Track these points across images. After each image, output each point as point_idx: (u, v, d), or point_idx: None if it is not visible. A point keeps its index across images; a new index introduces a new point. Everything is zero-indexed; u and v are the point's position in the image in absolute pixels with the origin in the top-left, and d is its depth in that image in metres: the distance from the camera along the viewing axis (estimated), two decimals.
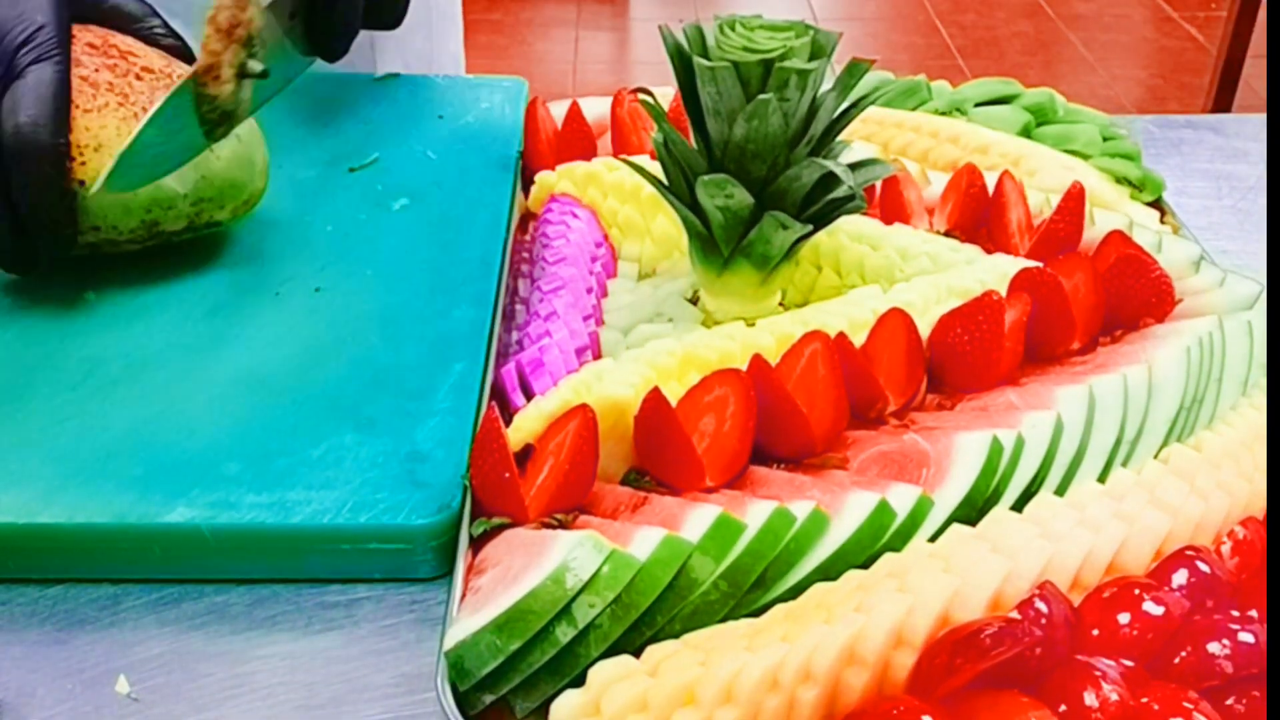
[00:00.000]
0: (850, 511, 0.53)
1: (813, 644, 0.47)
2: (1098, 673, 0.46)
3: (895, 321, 0.64)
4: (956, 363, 0.64)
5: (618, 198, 0.81)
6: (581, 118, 0.87)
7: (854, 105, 0.68)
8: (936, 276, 0.70)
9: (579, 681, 0.48)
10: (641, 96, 0.69)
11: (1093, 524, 0.54)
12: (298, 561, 0.59)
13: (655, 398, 0.56)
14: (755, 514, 0.52)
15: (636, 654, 0.49)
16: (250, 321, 0.72)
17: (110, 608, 0.58)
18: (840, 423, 0.61)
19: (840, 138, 0.68)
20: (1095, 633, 0.49)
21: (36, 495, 0.59)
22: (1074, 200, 0.75)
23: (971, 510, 0.55)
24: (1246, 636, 0.48)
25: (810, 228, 0.67)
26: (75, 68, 0.70)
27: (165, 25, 0.77)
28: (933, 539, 0.54)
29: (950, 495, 0.55)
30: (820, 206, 0.67)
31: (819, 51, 0.65)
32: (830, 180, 0.66)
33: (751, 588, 0.51)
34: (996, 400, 0.62)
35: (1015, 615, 0.47)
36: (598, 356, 0.70)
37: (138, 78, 0.72)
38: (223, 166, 0.75)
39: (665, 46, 0.66)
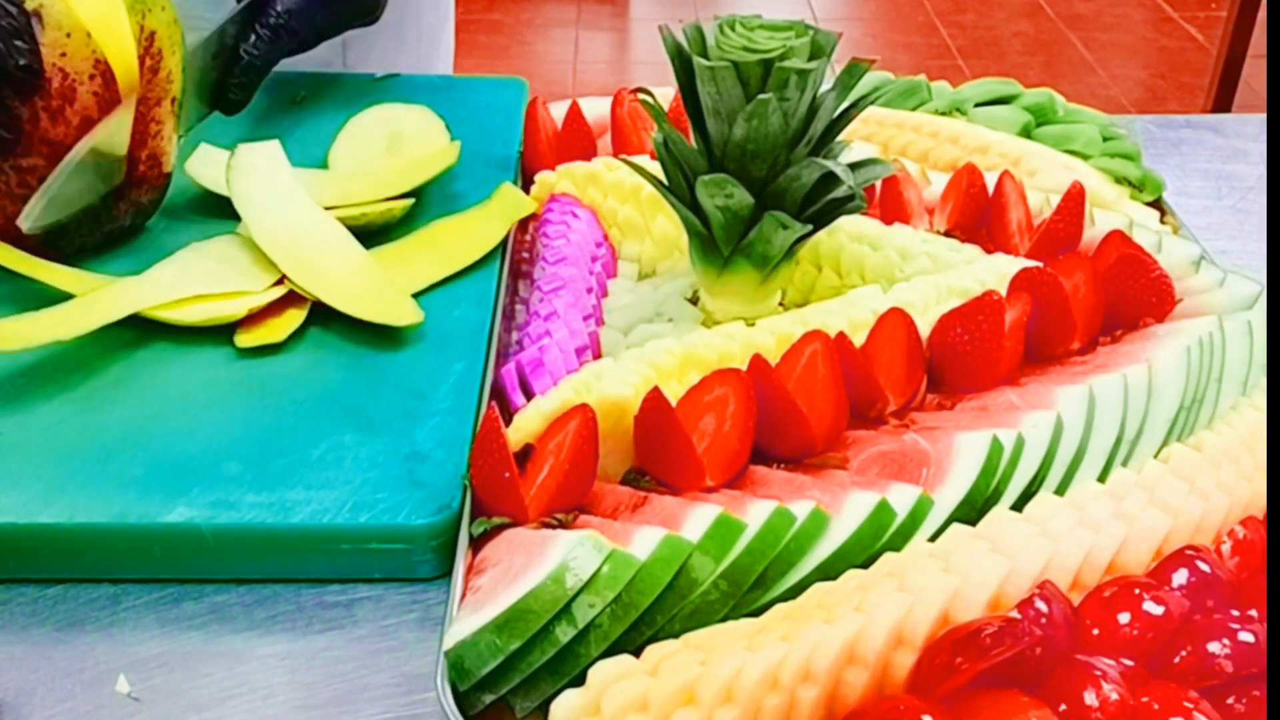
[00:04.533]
0: (850, 511, 0.53)
1: (813, 644, 0.47)
2: (1098, 672, 0.46)
3: (895, 321, 0.64)
4: (956, 363, 0.64)
5: (618, 198, 0.81)
6: (581, 118, 0.87)
7: (854, 105, 0.68)
8: (936, 276, 0.70)
9: (579, 681, 0.48)
10: (641, 96, 0.69)
11: (1093, 524, 0.54)
12: (298, 561, 0.59)
13: (655, 397, 0.56)
14: (755, 514, 0.52)
15: (636, 654, 0.49)
16: None
17: (110, 608, 0.58)
18: (840, 423, 0.61)
19: (840, 138, 0.68)
20: (1095, 632, 0.49)
21: (37, 495, 0.59)
22: (1074, 200, 0.75)
23: (971, 510, 0.55)
24: (1246, 636, 0.48)
25: (810, 228, 0.67)
26: None
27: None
28: (933, 539, 0.54)
29: (950, 495, 0.55)
30: (820, 206, 0.67)
31: (819, 51, 0.65)
32: (830, 180, 0.66)
33: (751, 587, 0.51)
34: (996, 400, 0.62)
35: (1015, 615, 0.47)
36: (598, 356, 0.70)
37: None
38: None
39: (665, 46, 0.66)
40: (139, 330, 0.70)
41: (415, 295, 0.74)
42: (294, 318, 0.72)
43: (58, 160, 0.74)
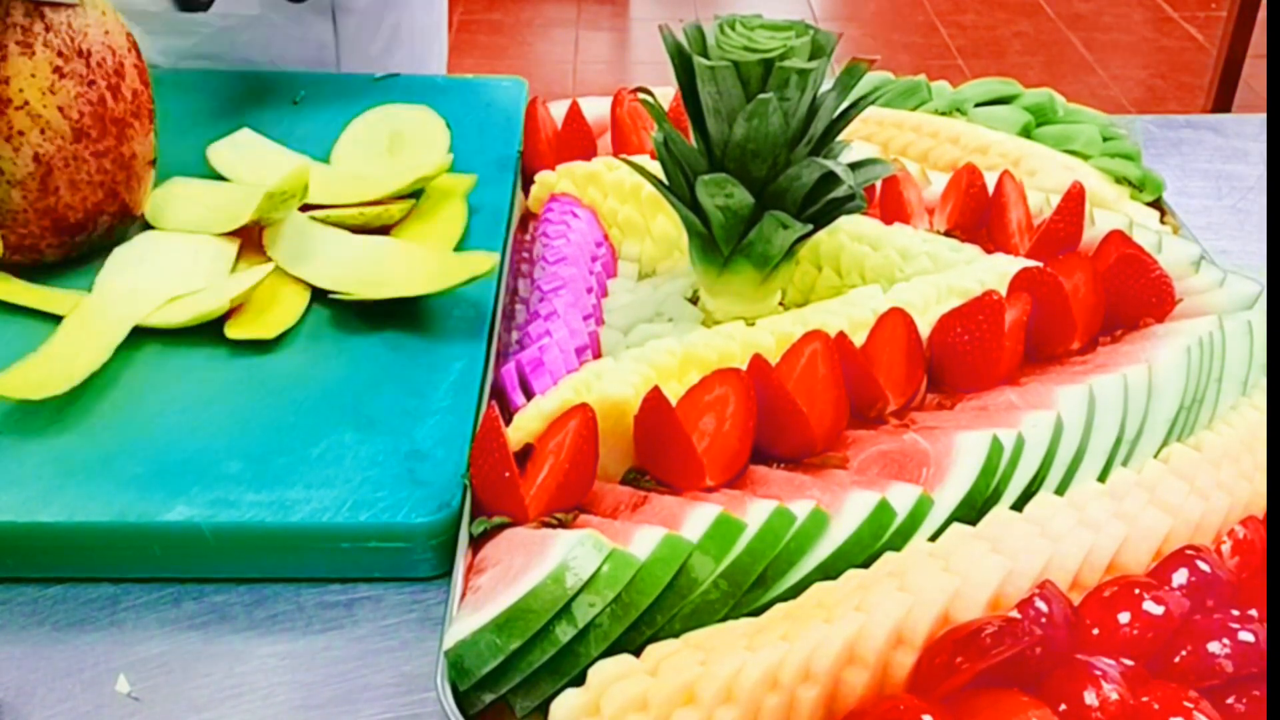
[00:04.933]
0: (850, 511, 0.53)
1: (813, 643, 0.47)
2: (1098, 672, 0.46)
3: (895, 321, 0.64)
4: (956, 363, 0.64)
5: (618, 198, 0.81)
6: (581, 118, 0.87)
7: (854, 105, 0.68)
8: (936, 276, 0.70)
9: (579, 681, 0.48)
10: (641, 96, 0.69)
11: (1093, 524, 0.54)
12: (297, 560, 0.59)
13: (655, 397, 0.56)
14: (755, 513, 0.52)
15: (636, 653, 0.49)
16: None
17: (110, 608, 0.58)
18: (840, 422, 0.61)
19: (840, 138, 0.68)
20: (1095, 632, 0.49)
21: (37, 494, 0.59)
22: (1074, 200, 0.75)
23: (971, 510, 0.55)
24: (1246, 636, 0.48)
25: (810, 227, 0.67)
26: None
27: None
28: (933, 538, 0.54)
29: (950, 495, 0.55)
30: (820, 206, 0.67)
31: (819, 51, 0.65)
32: (830, 180, 0.66)
33: (751, 587, 0.51)
34: (996, 400, 0.62)
35: (1015, 614, 0.47)
36: (598, 356, 0.70)
37: None
38: None
39: (665, 46, 0.66)
40: (135, 333, 0.70)
41: None
42: (287, 314, 0.72)
43: (125, 139, 0.74)
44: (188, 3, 0.86)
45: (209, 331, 0.70)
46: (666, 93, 0.86)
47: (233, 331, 0.70)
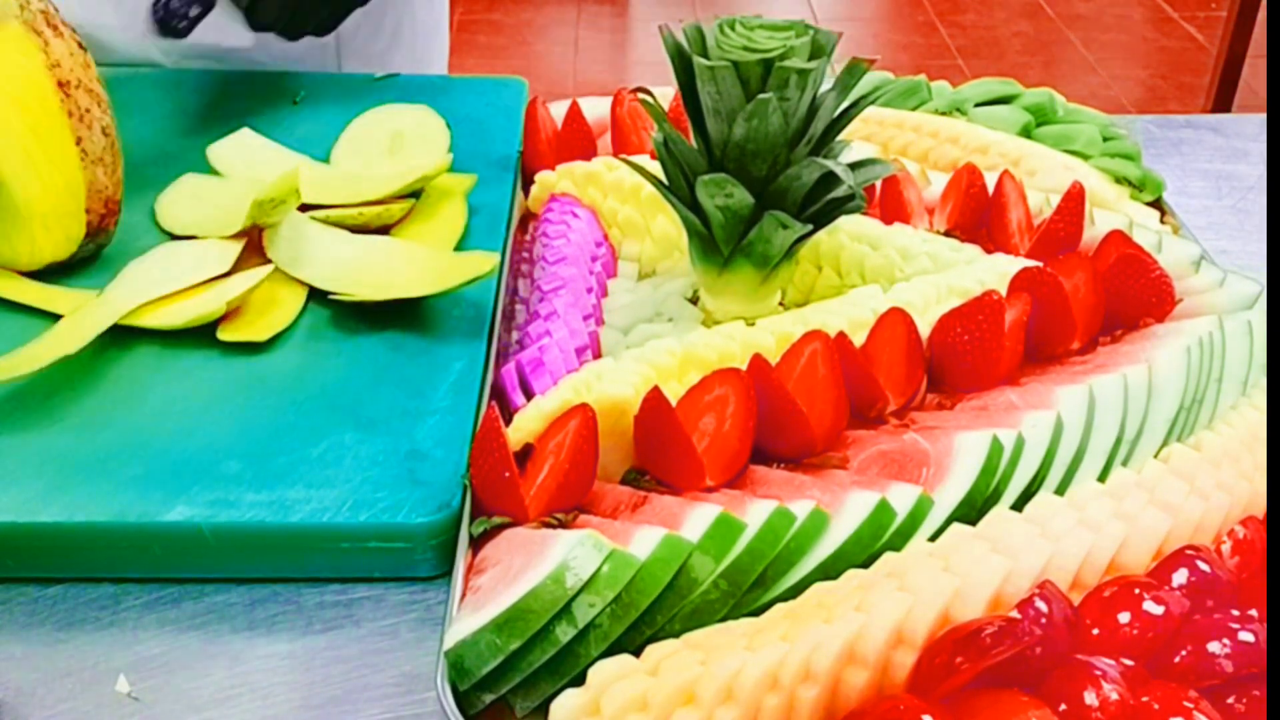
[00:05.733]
0: (850, 511, 0.53)
1: (813, 643, 0.47)
2: (1098, 672, 0.46)
3: (895, 321, 0.64)
4: (956, 363, 0.64)
5: (618, 198, 0.81)
6: (581, 118, 0.87)
7: (854, 105, 0.68)
8: (936, 276, 0.70)
9: (579, 681, 0.48)
10: (641, 96, 0.69)
11: (1093, 524, 0.54)
12: (297, 560, 0.59)
13: (655, 397, 0.56)
14: (755, 513, 0.52)
15: (636, 653, 0.49)
16: None
17: (110, 608, 0.58)
18: (840, 422, 0.61)
19: (840, 138, 0.68)
20: (1095, 632, 0.49)
21: (36, 494, 0.59)
22: (1074, 200, 0.75)
23: (971, 510, 0.55)
24: (1246, 636, 0.48)
25: (810, 227, 0.67)
26: None
27: None
28: (933, 538, 0.54)
29: (950, 495, 0.55)
30: (820, 206, 0.67)
31: (819, 51, 0.65)
32: (830, 180, 0.66)
33: (751, 587, 0.51)
34: (996, 400, 0.62)
35: (1015, 614, 0.47)
36: (598, 356, 0.70)
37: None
38: None
39: (665, 46, 0.66)
40: (136, 333, 0.70)
41: None
42: (281, 317, 0.72)
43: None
44: (165, 28, 0.87)
45: (208, 332, 0.70)
46: (666, 93, 0.86)
47: (225, 334, 0.70)
